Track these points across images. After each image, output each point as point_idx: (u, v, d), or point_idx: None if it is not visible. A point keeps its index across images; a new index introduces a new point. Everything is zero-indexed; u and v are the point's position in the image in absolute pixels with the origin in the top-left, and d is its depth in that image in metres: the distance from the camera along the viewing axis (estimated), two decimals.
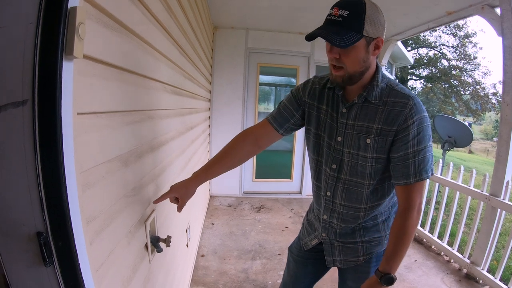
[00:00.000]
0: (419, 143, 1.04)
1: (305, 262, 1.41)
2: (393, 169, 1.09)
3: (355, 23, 0.95)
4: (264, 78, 4.98)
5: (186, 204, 1.26)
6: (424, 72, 16.59)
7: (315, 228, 1.34)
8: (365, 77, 1.08)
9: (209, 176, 1.30)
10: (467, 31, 15.29)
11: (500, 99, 2.87)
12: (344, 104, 1.14)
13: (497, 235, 2.60)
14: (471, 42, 15.28)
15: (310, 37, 1.00)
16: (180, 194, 1.24)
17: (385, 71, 1.17)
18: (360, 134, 1.10)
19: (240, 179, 4.69)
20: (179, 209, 1.25)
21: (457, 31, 15.21)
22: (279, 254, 2.98)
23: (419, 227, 3.47)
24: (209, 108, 4.35)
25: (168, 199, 1.24)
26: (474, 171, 2.94)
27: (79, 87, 0.63)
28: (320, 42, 1.09)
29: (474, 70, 15.34)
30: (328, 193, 1.22)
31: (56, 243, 0.56)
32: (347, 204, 1.19)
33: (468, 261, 2.77)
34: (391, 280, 1.08)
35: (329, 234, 1.28)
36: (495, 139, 22.03)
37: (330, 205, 1.23)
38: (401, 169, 1.07)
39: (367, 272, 1.25)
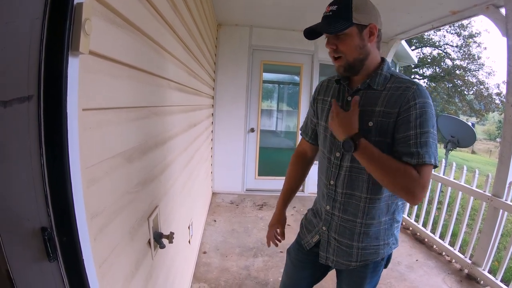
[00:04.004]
0: (421, 126, 1.02)
1: (303, 265, 1.40)
2: (395, 151, 1.05)
3: (343, 13, 1.04)
4: (267, 76, 4.97)
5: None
6: (428, 72, 16.46)
7: (314, 224, 1.34)
8: (367, 66, 1.12)
9: (288, 203, 1.56)
10: (472, 31, 15.14)
11: (504, 100, 2.86)
12: (349, 92, 1.18)
13: (499, 236, 2.59)
14: (475, 42, 15.14)
15: (307, 34, 1.10)
16: (278, 226, 1.50)
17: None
18: (362, 119, 1.10)
19: (242, 176, 4.68)
20: (282, 236, 1.50)
21: (461, 31, 15.08)
22: (280, 252, 2.98)
23: (420, 226, 3.47)
24: (212, 105, 4.34)
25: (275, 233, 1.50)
26: (477, 172, 2.93)
27: (85, 82, 0.63)
28: (324, 41, 1.12)
29: (478, 70, 15.20)
30: (332, 182, 1.23)
31: (61, 238, 0.57)
32: (349, 192, 1.18)
33: (469, 261, 2.76)
34: (349, 147, 1.06)
35: (329, 228, 1.26)
36: (498, 139, 21.92)
37: (332, 195, 1.23)
38: (403, 148, 1.04)
39: (364, 278, 1.24)
